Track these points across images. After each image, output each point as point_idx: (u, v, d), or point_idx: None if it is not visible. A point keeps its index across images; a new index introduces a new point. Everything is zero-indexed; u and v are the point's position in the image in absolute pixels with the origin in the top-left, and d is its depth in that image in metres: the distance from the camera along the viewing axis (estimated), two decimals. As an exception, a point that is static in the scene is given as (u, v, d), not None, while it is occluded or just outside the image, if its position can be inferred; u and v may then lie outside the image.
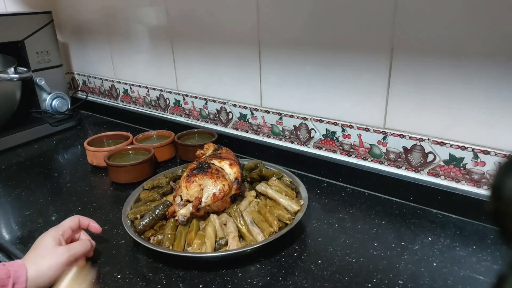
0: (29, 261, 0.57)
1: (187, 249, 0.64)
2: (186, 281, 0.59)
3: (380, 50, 0.74)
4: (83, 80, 1.50)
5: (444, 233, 0.68)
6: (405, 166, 0.79)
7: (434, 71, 0.70)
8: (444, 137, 0.73)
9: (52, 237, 0.61)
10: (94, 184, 0.92)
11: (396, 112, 0.77)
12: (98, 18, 1.29)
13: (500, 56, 0.63)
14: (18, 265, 0.55)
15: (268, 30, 0.89)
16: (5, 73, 1.10)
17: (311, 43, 0.83)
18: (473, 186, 0.72)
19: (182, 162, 0.99)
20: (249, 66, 0.95)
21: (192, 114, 1.15)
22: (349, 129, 0.84)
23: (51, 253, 0.59)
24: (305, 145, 0.93)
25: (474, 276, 0.58)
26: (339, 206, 0.78)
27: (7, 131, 1.14)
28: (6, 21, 1.15)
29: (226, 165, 0.74)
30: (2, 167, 1.02)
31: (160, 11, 1.09)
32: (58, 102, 1.27)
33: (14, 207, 0.83)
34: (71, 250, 0.61)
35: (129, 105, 1.35)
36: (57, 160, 1.09)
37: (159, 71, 1.18)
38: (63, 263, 0.58)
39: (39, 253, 0.59)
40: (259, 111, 0.98)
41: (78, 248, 0.62)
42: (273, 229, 0.66)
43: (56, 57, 1.28)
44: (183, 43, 1.08)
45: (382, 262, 0.62)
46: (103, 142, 1.05)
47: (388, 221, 0.72)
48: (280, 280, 0.59)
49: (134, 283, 0.59)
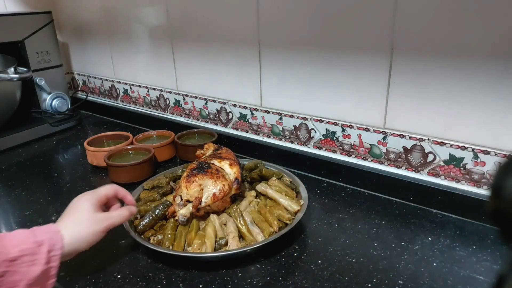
0: (65, 226, 0.56)
1: (187, 249, 0.64)
2: (186, 281, 0.59)
3: (380, 50, 0.74)
4: (83, 80, 1.50)
5: (444, 233, 0.68)
6: (405, 166, 0.79)
7: (434, 71, 0.70)
8: (444, 137, 0.73)
9: (90, 202, 0.60)
10: (94, 184, 0.92)
11: (396, 112, 0.77)
12: (98, 18, 1.29)
13: (500, 56, 0.63)
14: (53, 232, 0.53)
15: (268, 30, 0.89)
16: (5, 73, 1.10)
17: (311, 43, 0.83)
18: (473, 186, 0.72)
19: (182, 162, 0.99)
20: (249, 66, 0.95)
21: (192, 114, 1.15)
22: (349, 129, 0.84)
23: (90, 219, 0.57)
24: (305, 145, 0.93)
25: (474, 276, 0.58)
26: (339, 206, 0.78)
27: (7, 131, 1.14)
28: (6, 21, 1.15)
29: (226, 165, 0.74)
30: (2, 167, 1.02)
31: (160, 11, 1.09)
32: (58, 102, 1.27)
33: (14, 207, 0.83)
34: (110, 219, 0.60)
35: (129, 105, 1.35)
36: (57, 160, 1.09)
37: (159, 71, 1.18)
38: (102, 231, 0.58)
39: (77, 219, 0.57)
40: (259, 111, 0.98)
41: (116, 219, 0.61)
42: (273, 229, 0.66)
43: (56, 57, 1.28)
44: (183, 43, 1.08)
45: (382, 262, 0.62)
46: (103, 142, 1.05)
47: (388, 221, 0.72)
48: (280, 280, 0.59)
49: (134, 283, 0.59)
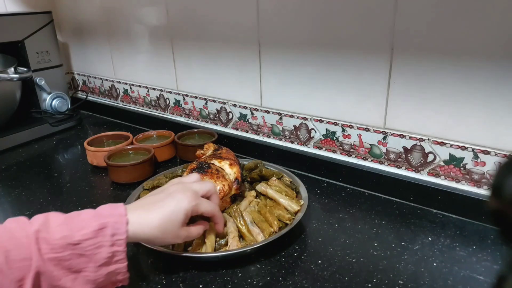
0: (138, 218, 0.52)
1: (187, 249, 0.64)
2: (186, 281, 0.59)
3: (380, 50, 0.74)
4: (83, 80, 1.50)
5: (444, 233, 0.68)
6: (405, 166, 0.79)
7: (434, 71, 0.70)
8: (444, 137, 0.73)
9: (185, 216, 0.55)
10: (94, 184, 0.92)
11: (396, 112, 0.77)
12: (98, 18, 1.29)
13: (500, 56, 0.63)
14: (118, 215, 0.50)
15: (268, 30, 0.89)
16: (5, 73, 1.10)
17: (311, 43, 0.83)
18: (473, 186, 0.72)
19: (182, 162, 0.99)
20: (249, 66, 0.95)
21: (192, 114, 1.15)
22: (349, 129, 0.84)
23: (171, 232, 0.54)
24: (305, 145, 0.93)
25: (474, 276, 0.58)
26: (339, 206, 0.78)
27: (7, 131, 1.14)
28: (6, 21, 1.15)
29: (226, 165, 0.74)
30: (2, 167, 1.02)
31: (160, 11, 1.09)
32: (58, 102, 1.27)
33: (14, 207, 0.83)
34: (186, 238, 0.57)
35: (129, 105, 1.35)
36: (57, 160, 1.09)
37: (159, 71, 1.18)
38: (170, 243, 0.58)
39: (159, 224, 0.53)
40: (259, 111, 0.98)
41: (191, 238, 0.58)
42: (273, 229, 0.66)
43: (56, 57, 1.28)
44: (183, 43, 1.08)
45: (382, 262, 0.62)
46: (103, 142, 1.05)
47: (388, 221, 0.72)
48: (280, 280, 0.59)
49: (134, 283, 0.59)
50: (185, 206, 0.55)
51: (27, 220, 0.48)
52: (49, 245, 0.46)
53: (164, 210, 0.54)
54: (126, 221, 0.50)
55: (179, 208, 0.54)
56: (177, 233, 0.55)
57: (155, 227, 0.53)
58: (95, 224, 0.48)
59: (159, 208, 0.54)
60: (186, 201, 0.55)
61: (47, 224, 0.48)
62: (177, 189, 0.57)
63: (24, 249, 0.45)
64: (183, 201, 0.55)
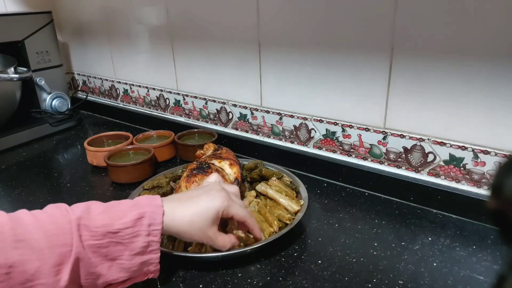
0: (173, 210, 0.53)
1: (187, 249, 0.64)
2: (186, 281, 0.59)
3: (380, 50, 0.74)
4: (83, 80, 1.50)
5: (444, 233, 0.68)
6: (405, 166, 0.79)
7: (434, 71, 0.70)
8: (444, 137, 0.73)
9: (217, 215, 0.55)
10: (94, 184, 0.92)
11: (396, 112, 0.77)
12: (98, 18, 1.29)
13: (500, 56, 0.63)
14: (155, 206, 0.51)
15: (268, 30, 0.89)
16: (5, 73, 1.10)
17: (312, 43, 0.83)
18: (473, 186, 0.72)
19: (182, 162, 0.99)
20: (249, 66, 0.95)
21: (192, 114, 1.15)
22: (349, 129, 0.84)
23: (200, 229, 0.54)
24: (305, 145, 0.93)
25: (474, 276, 0.58)
26: (339, 206, 0.78)
27: (7, 131, 1.14)
28: (6, 21, 1.15)
29: (226, 165, 0.74)
30: (2, 167, 1.02)
31: (160, 11, 1.09)
32: (58, 102, 1.27)
33: (14, 207, 0.83)
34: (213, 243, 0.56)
35: (129, 105, 1.35)
36: (57, 160, 1.09)
37: (159, 71, 1.18)
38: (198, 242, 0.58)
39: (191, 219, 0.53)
40: (259, 111, 0.98)
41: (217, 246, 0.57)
42: (273, 229, 0.66)
43: (56, 57, 1.28)
44: (183, 43, 1.08)
45: (382, 262, 0.62)
46: (103, 142, 1.05)
47: (388, 221, 0.72)
48: (280, 280, 0.59)
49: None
50: (218, 204, 0.56)
51: (68, 207, 0.49)
52: (90, 232, 0.47)
53: (198, 206, 0.55)
54: (163, 212, 0.51)
55: (212, 205, 0.55)
56: (205, 231, 0.55)
57: (186, 222, 0.53)
58: (134, 214, 0.50)
59: (194, 203, 0.55)
60: (220, 200, 0.56)
61: (89, 211, 0.49)
62: (214, 187, 0.59)
63: (66, 235, 0.46)
64: (217, 199, 0.56)
